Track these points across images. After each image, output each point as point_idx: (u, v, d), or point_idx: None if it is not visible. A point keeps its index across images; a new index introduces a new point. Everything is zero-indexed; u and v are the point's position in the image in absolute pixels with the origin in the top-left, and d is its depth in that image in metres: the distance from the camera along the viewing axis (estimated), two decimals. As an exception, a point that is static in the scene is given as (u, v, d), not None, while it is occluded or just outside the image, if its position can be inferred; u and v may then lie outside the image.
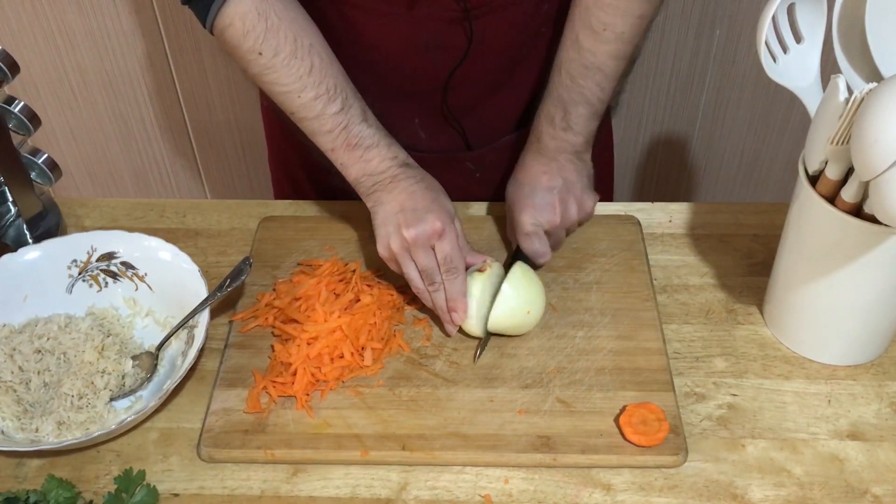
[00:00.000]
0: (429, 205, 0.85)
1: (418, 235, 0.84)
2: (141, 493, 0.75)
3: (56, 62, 1.57)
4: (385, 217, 0.86)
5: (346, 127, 0.86)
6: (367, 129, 0.87)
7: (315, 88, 0.84)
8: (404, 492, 0.76)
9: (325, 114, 0.85)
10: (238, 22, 0.82)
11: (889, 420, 0.81)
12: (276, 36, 0.82)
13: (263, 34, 0.82)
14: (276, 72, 0.84)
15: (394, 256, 0.86)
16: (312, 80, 0.84)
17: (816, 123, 0.76)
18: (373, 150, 0.86)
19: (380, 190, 0.87)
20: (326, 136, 0.86)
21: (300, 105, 0.85)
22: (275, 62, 0.83)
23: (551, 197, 0.91)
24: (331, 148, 0.87)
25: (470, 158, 1.07)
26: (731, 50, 1.51)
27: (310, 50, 0.84)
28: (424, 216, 0.84)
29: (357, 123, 0.86)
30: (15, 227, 1.00)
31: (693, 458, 0.78)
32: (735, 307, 0.92)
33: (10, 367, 0.84)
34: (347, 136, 0.86)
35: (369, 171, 0.87)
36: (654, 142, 1.68)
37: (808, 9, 0.79)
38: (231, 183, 1.78)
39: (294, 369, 0.83)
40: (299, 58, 0.84)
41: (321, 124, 0.86)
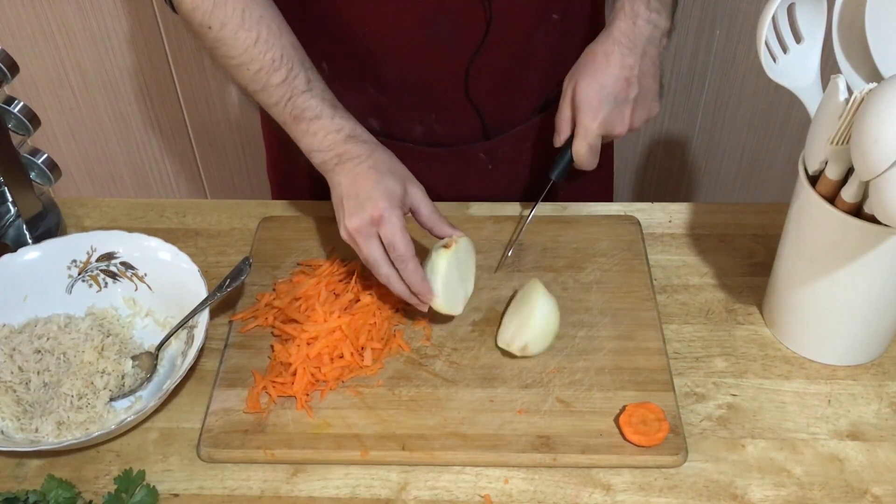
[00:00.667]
0: (369, 190, 0.82)
1: (359, 226, 0.81)
2: (141, 493, 0.75)
3: (56, 62, 1.57)
4: (336, 203, 0.84)
5: (291, 98, 0.84)
6: (311, 99, 0.85)
7: (260, 60, 0.84)
8: (404, 492, 0.76)
9: (269, 85, 0.84)
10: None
11: (889, 420, 0.81)
12: (223, 9, 0.83)
13: (211, 7, 0.83)
14: (225, 44, 0.84)
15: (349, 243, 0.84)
16: (258, 51, 0.84)
17: (816, 123, 0.76)
18: (316, 123, 0.85)
19: (328, 171, 0.85)
20: (275, 109, 0.86)
21: (249, 78, 0.85)
22: (222, 35, 0.83)
23: (627, 109, 0.89)
24: (282, 121, 0.86)
25: (484, 150, 1.06)
26: (731, 50, 1.52)
27: (258, 21, 0.84)
28: (363, 203, 0.81)
29: (300, 94, 0.85)
30: (15, 227, 1.00)
31: (693, 458, 0.78)
32: (735, 307, 0.92)
33: (10, 367, 0.84)
34: (292, 107, 0.85)
35: (316, 145, 0.85)
36: (654, 142, 1.68)
37: (808, 9, 0.79)
38: (231, 183, 1.78)
39: (294, 369, 0.83)
40: (246, 29, 0.83)
41: (268, 96, 0.85)
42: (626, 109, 0.88)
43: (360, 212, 0.81)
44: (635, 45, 0.87)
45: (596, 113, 0.88)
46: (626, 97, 0.88)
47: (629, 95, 0.88)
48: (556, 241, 0.98)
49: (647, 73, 0.89)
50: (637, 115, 0.90)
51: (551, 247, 0.97)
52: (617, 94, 0.88)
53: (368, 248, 0.82)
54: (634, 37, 0.87)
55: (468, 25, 0.92)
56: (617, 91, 0.88)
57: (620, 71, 0.87)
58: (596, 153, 0.91)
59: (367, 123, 1.03)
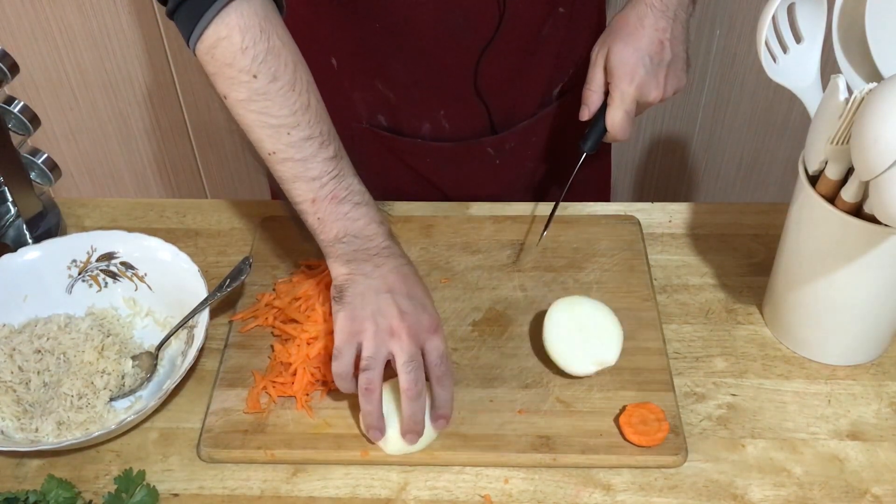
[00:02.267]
0: (423, 296, 0.78)
1: (414, 325, 0.74)
2: (141, 493, 0.75)
3: (56, 62, 1.57)
4: (365, 291, 0.76)
5: (337, 176, 0.76)
6: (359, 185, 0.78)
7: (309, 128, 0.75)
8: (404, 492, 0.76)
9: (316, 157, 0.75)
10: (237, 35, 0.72)
11: (889, 420, 0.81)
12: (276, 59, 0.73)
13: (264, 54, 0.73)
14: (270, 100, 0.74)
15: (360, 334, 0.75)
16: (308, 118, 0.75)
17: (816, 123, 0.76)
18: (361, 209, 0.77)
19: (362, 260, 0.77)
20: (310, 184, 0.76)
21: (288, 143, 0.75)
22: (270, 88, 0.73)
23: (661, 72, 0.88)
24: (311, 198, 0.76)
25: (492, 143, 1.06)
26: (731, 50, 1.52)
27: (308, 86, 0.76)
28: (419, 309, 0.76)
29: (349, 175, 0.77)
30: (15, 227, 1.00)
31: (693, 458, 0.78)
32: (735, 307, 0.92)
33: (10, 367, 0.84)
34: (336, 186, 0.76)
35: (354, 231, 0.77)
36: (654, 142, 1.68)
37: (808, 9, 0.79)
38: (231, 183, 1.78)
39: (294, 369, 0.83)
40: (298, 91, 0.75)
41: (307, 169, 0.76)
42: (660, 74, 0.88)
43: (418, 314, 0.75)
44: (668, 7, 0.87)
45: (633, 76, 0.87)
46: (661, 60, 0.87)
47: (663, 59, 0.87)
48: (556, 241, 0.98)
49: (677, 38, 0.88)
50: (669, 82, 0.89)
51: (551, 247, 0.97)
52: (652, 56, 0.87)
53: (413, 350, 0.74)
54: (667, 0, 0.87)
55: (481, 19, 0.92)
56: (652, 53, 0.87)
57: (654, 33, 0.87)
58: (632, 121, 0.89)
59: (376, 120, 1.04)
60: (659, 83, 0.88)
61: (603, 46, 0.90)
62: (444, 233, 1.00)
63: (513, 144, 1.06)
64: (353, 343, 0.75)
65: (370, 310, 0.75)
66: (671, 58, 0.88)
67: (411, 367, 0.74)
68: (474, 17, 0.92)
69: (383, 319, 0.74)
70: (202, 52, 0.75)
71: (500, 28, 0.92)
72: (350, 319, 0.75)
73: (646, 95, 0.89)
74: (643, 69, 0.87)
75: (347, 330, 0.75)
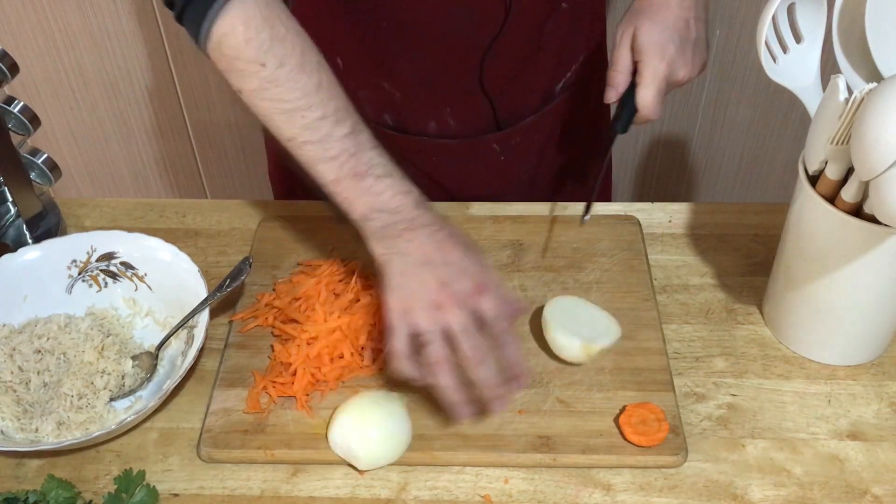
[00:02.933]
0: (462, 258, 0.75)
1: (458, 292, 0.73)
2: (141, 493, 0.75)
3: (56, 62, 1.57)
4: (403, 269, 0.75)
5: (356, 153, 0.76)
6: (379, 157, 0.77)
7: (322, 107, 0.75)
8: (404, 492, 0.76)
9: (332, 136, 0.76)
10: (240, 27, 0.74)
11: (889, 420, 0.81)
12: (282, 45, 0.75)
13: (269, 42, 0.74)
14: (280, 85, 0.75)
15: (412, 316, 0.74)
16: (320, 98, 0.76)
17: (816, 123, 0.76)
18: (385, 181, 0.76)
19: (394, 237, 0.76)
20: (330, 164, 0.76)
21: (303, 126, 0.76)
22: (279, 74, 0.74)
23: (688, 50, 0.88)
24: (334, 178, 0.77)
25: (497, 140, 1.06)
26: (731, 50, 1.52)
27: (318, 66, 0.76)
28: (462, 271, 0.74)
29: (368, 149, 0.77)
30: (15, 227, 1.00)
31: (693, 458, 0.78)
32: (735, 307, 0.92)
33: (10, 367, 0.84)
34: (356, 163, 0.76)
35: (379, 205, 0.76)
36: (654, 142, 1.68)
37: (808, 9, 0.79)
38: (231, 183, 1.78)
39: (294, 369, 0.83)
40: (307, 72, 0.75)
41: (325, 149, 0.76)
42: (688, 51, 0.87)
43: (461, 280, 0.73)
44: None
45: (663, 54, 0.86)
46: (688, 38, 0.87)
47: (689, 37, 0.87)
48: (556, 241, 0.98)
49: (700, 18, 0.89)
50: (694, 62, 0.89)
51: (551, 247, 0.97)
52: (680, 33, 0.87)
53: (463, 319, 0.72)
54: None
55: (487, 16, 0.92)
56: (680, 31, 0.87)
57: (681, 12, 0.87)
58: (663, 100, 0.89)
59: (381, 119, 1.04)
60: (687, 61, 0.88)
61: (628, 27, 0.89)
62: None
63: (517, 141, 1.07)
64: (403, 322, 0.74)
65: (413, 287, 0.74)
66: (696, 36, 0.88)
67: (466, 335, 0.72)
68: (480, 13, 0.92)
69: (426, 294, 0.73)
70: (212, 50, 0.76)
71: (506, 24, 0.93)
72: (397, 301, 0.75)
73: (675, 73, 0.88)
74: (673, 47, 0.87)
75: (396, 309, 0.75)
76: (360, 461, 0.77)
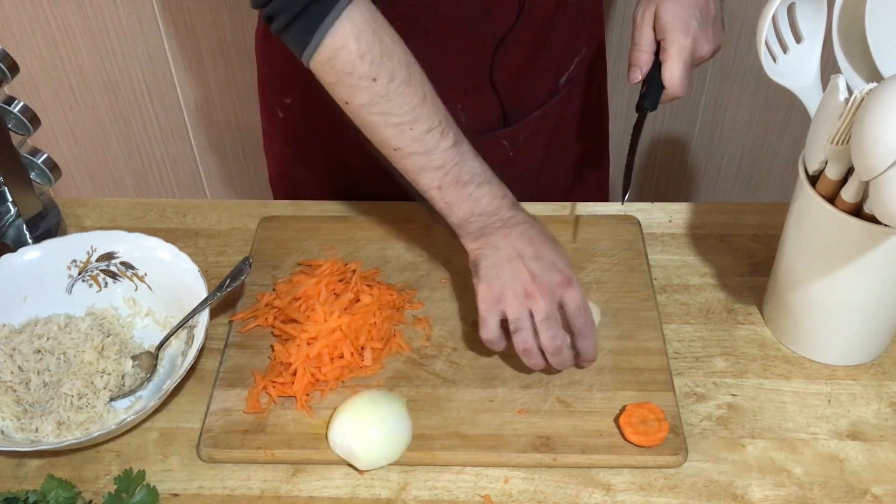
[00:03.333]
0: (551, 253, 0.81)
1: (545, 284, 0.78)
2: (141, 493, 0.75)
3: (56, 62, 1.57)
4: (497, 262, 0.80)
5: (459, 163, 0.79)
6: (479, 165, 0.81)
7: (428, 120, 0.78)
8: (404, 492, 0.76)
9: (437, 148, 0.78)
10: (353, 43, 0.74)
11: (889, 420, 0.81)
12: (391, 59, 0.76)
13: (380, 56, 0.75)
14: (391, 100, 0.76)
15: (503, 303, 0.79)
16: (426, 112, 0.78)
17: (816, 123, 0.76)
18: (485, 188, 0.81)
19: (490, 234, 0.81)
20: (434, 174, 0.79)
21: (410, 139, 0.78)
22: (389, 89, 0.76)
23: (709, 26, 0.88)
24: (437, 185, 0.80)
25: (506, 136, 1.06)
26: (731, 50, 1.52)
27: (422, 78, 0.79)
28: (550, 264, 0.79)
29: (471, 159, 0.81)
30: (15, 227, 1.00)
31: (693, 458, 0.78)
32: (735, 307, 0.92)
33: (10, 367, 0.84)
34: (459, 172, 0.79)
35: (479, 210, 0.81)
36: (654, 142, 1.68)
37: (808, 9, 0.79)
38: (231, 183, 1.78)
39: (294, 369, 0.83)
40: (413, 86, 0.77)
41: (431, 160, 0.79)
42: (709, 28, 0.88)
43: (547, 272, 0.79)
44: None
45: (687, 30, 0.86)
46: (708, 15, 0.88)
47: (709, 14, 0.88)
48: (556, 241, 0.98)
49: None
50: (716, 37, 0.89)
51: (551, 247, 0.97)
52: (701, 10, 0.87)
53: (549, 308, 0.78)
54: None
55: (501, 11, 0.93)
56: (701, 7, 0.87)
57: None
58: (690, 76, 0.89)
59: None
60: (709, 37, 0.88)
61: (649, 6, 0.89)
62: (444, 233, 1.00)
63: (525, 136, 1.07)
64: (495, 311, 0.79)
65: (505, 278, 0.79)
66: (715, 14, 0.89)
67: (548, 324, 0.78)
68: (495, 8, 0.92)
69: (518, 284, 0.78)
70: (319, 63, 0.76)
71: (519, 19, 0.93)
72: (489, 290, 0.80)
73: (700, 49, 0.88)
74: (696, 23, 0.87)
75: (488, 299, 0.80)
76: (360, 461, 0.77)
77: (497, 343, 0.81)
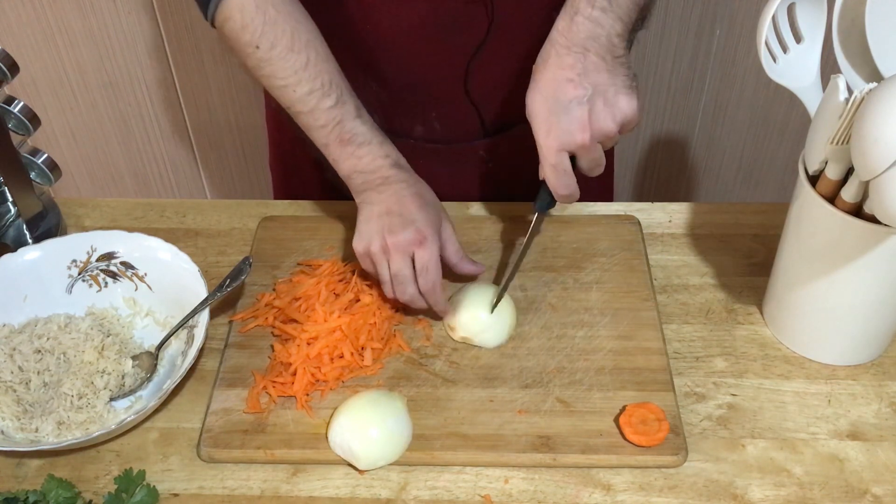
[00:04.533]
0: (415, 211, 0.85)
1: (399, 241, 0.84)
2: (141, 493, 0.75)
3: (56, 62, 1.57)
4: (369, 216, 0.86)
5: (340, 122, 0.86)
6: (361, 125, 0.87)
7: (310, 83, 0.85)
8: (404, 492, 0.76)
9: (318, 108, 0.85)
10: (237, 14, 0.83)
11: (889, 420, 0.81)
12: (273, 29, 0.83)
13: (261, 27, 0.83)
14: (273, 65, 0.84)
15: (370, 255, 0.86)
16: (308, 75, 0.85)
17: (816, 123, 0.76)
18: (365, 147, 0.87)
19: (370, 189, 0.87)
20: (320, 132, 0.87)
21: (296, 99, 0.86)
22: (271, 55, 0.84)
23: (580, 111, 0.78)
24: (324, 143, 0.88)
25: (484, 147, 1.06)
26: (731, 50, 1.52)
27: (306, 44, 0.85)
28: (409, 222, 0.84)
29: (351, 119, 0.86)
30: (15, 227, 1.00)
31: (693, 458, 0.78)
32: (735, 307, 0.92)
33: (10, 367, 0.84)
34: (340, 131, 0.86)
35: (360, 168, 0.87)
36: (654, 142, 1.68)
37: (808, 9, 0.79)
38: (231, 183, 1.78)
39: (294, 369, 0.83)
40: (296, 51, 0.84)
41: (315, 119, 0.86)
42: (579, 113, 0.78)
43: (403, 230, 0.84)
44: (573, 43, 0.78)
45: (548, 127, 0.80)
46: (575, 100, 0.78)
47: (578, 98, 0.78)
48: (556, 241, 0.98)
49: (595, 69, 0.78)
50: (601, 117, 0.78)
51: (551, 247, 0.97)
52: (560, 98, 0.78)
53: (399, 264, 0.84)
54: (572, 35, 0.78)
55: (469, 26, 0.92)
56: (559, 95, 0.78)
57: (559, 72, 0.78)
58: (567, 175, 0.82)
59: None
60: (583, 123, 0.78)
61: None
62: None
63: (507, 148, 1.07)
64: (366, 258, 0.87)
65: (371, 232, 0.86)
66: (591, 92, 0.78)
67: (398, 279, 0.85)
68: (463, 22, 0.92)
69: (379, 239, 0.85)
70: (217, 30, 0.86)
71: (490, 34, 0.93)
72: (359, 241, 0.87)
73: (571, 143, 0.80)
74: (556, 116, 0.79)
75: (357, 250, 0.87)
76: (360, 461, 0.77)
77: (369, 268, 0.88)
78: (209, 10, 0.84)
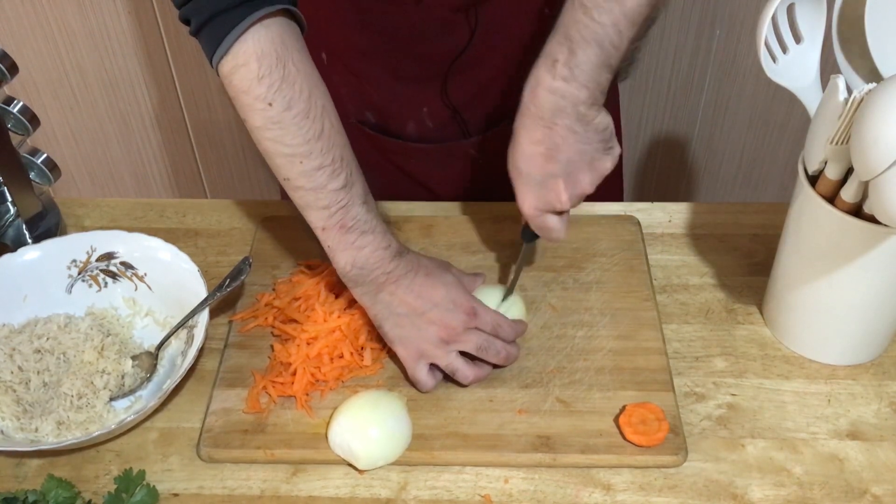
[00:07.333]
0: (445, 295, 0.80)
1: (457, 329, 0.80)
2: (141, 493, 0.75)
3: (56, 62, 1.57)
4: (400, 322, 0.81)
5: (345, 207, 0.77)
6: (366, 213, 0.79)
7: (320, 157, 0.75)
8: (404, 492, 0.76)
9: (325, 188, 0.76)
10: (254, 63, 0.71)
11: (889, 420, 0.81)
12: (291, 88, 0.73)
13: (279, 82, 0.72)
14: (283, 129, 0.74)
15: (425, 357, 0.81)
16: (320, 147, 0.75)
17: (816, 123, 0.76)
18: (367, 237, 0.79)
19: (375, 291, 0.81)
20: (320, 213, 0.78)
21: (300, 172, 0.76)
22: (284, 117, 0.73)
23: (554, 183, 0.78)
24: (322, 227, 0.78)
25: (473, 146, 1.07)
26: (731, 50, 1.52)
27: (322, 111, 0.75)
28: (450, 308, 0.80)
29: (357, 205, 0.78)
30: (14, 227, 1.00)
31: (693, 458, 0.78)
32: (735, 307, 0.92)
33: (10, 367, 0.84)
34: (344, 217, 0.77)
35: (359, 262, 0.79)
36: (654, 142, 1.68)
37: (808, 9, 0.79)
38: (231, 183, 1.78)
39: (294, 369, 0.83)
40: (311, 118, 0.74)
41: (317, 198, 0.77)
42: (555, 185, 0.78)
43: (453, 315, 0.80)
44: (540, 117, 0.76)
45: (524, 198, 0.80)
46: (548, 173, 0.78)
47: (550, 171, 0.78)
48: (556, 240, 0.98)
49: (565, 143, 0.76)
50: (578, 183, 0.79)
51: (551, 246, 0.97)
52: (533, 173, 0.78)
53: (477, 338, 0.81)
54: (537, 108, 0.76)
55: (454, 32, 0.93)
56: (531, 170, 0.78)
57: (530, 147, 0.78)
58: (548, 229, 0.82)
59: (364, 117, 1.04)
60: (558, 194, 0.79)
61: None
62: (444, 233, 1.00)
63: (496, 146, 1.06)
64: (423, 363, 0.81)
65: (416, 336, 0.81)
66: (564, 165, 0.78)
67: (485, 351, 0.81)
68: (448, 28, 0.93)
69: (431, 337, 0.80)
70: (223, 75, 0.74)
71: (472, 43, 0.93)
72: (406, 349, 0.81)
73: (550, 208, 0.80)
74: (530, 187, 0.80)
75: (411, 357, 0.81)
76: (359, 461, 0.77)
77: (434, 385, 0.82)
78: (218, 52, 0.72)
